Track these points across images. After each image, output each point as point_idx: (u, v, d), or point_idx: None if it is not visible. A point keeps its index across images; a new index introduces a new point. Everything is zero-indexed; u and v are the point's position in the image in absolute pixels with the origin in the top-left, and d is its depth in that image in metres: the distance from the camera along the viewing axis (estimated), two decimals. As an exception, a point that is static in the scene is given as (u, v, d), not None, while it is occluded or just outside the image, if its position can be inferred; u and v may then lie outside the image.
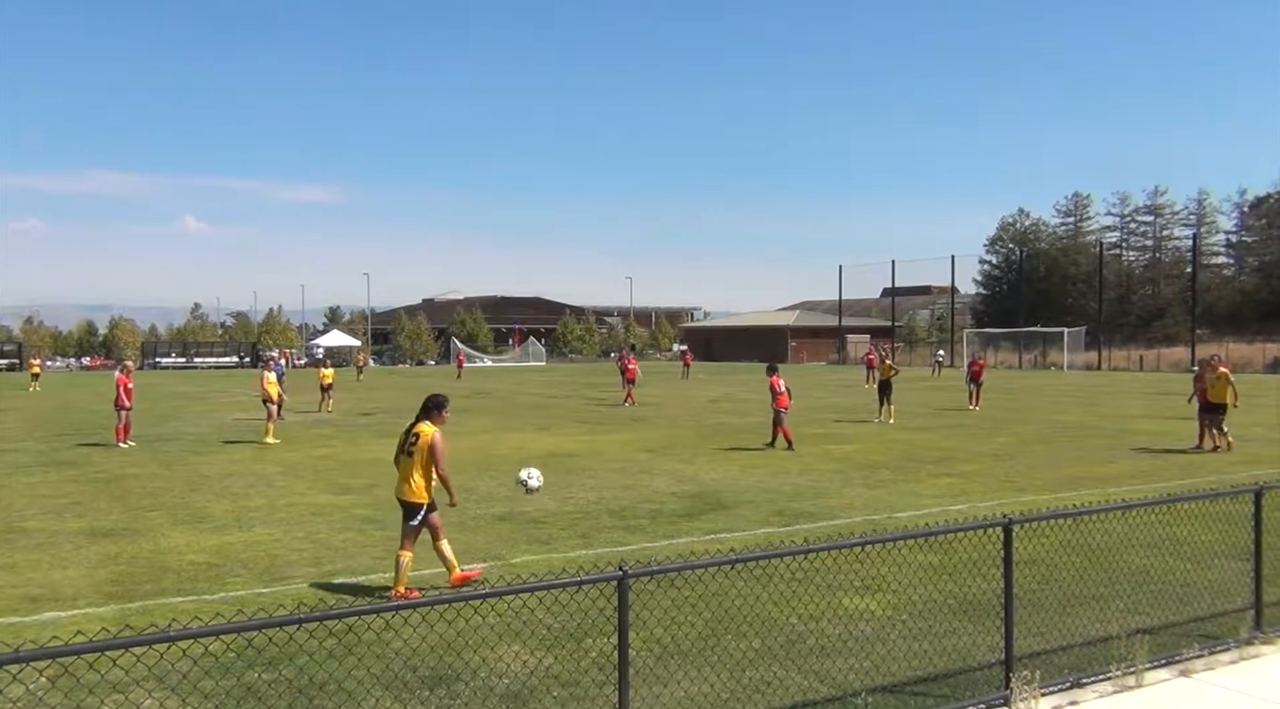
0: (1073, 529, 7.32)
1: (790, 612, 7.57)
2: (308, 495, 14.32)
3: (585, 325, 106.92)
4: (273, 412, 21.68)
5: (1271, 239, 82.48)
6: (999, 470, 16.56)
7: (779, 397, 19.86)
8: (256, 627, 4.16)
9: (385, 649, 6.61)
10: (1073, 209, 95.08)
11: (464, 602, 4.66)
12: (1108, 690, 6.29)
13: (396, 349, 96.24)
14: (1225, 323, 74.92)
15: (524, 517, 12.49)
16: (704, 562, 5.26)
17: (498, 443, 21.22)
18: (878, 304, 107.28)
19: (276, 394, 22.29)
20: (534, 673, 6.43)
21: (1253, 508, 7.41)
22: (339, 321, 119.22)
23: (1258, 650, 7.04)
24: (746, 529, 11.58)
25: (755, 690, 6.16)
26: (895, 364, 27.84)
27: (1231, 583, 8.00)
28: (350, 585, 9.06)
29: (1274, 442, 20.65)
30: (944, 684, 6.31)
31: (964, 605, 7.92)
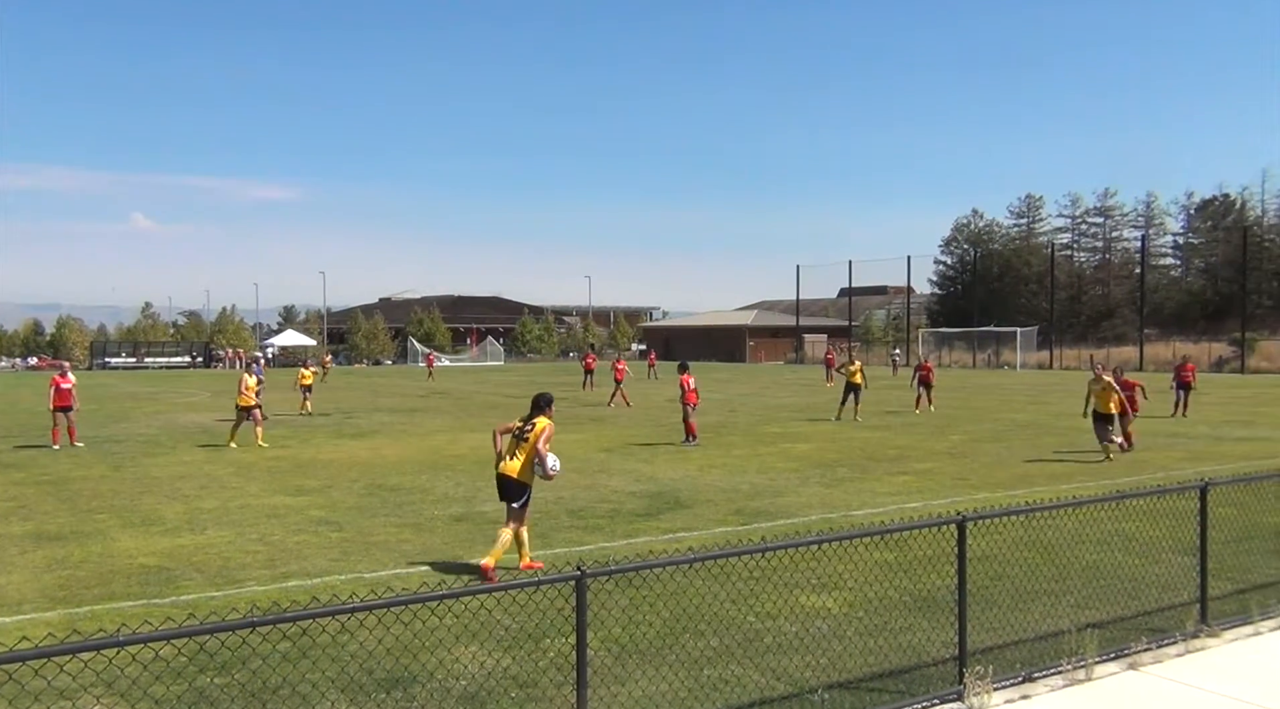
0: (1025, 526, 7.44)
1: (748, 610, 7.61)
2: (261, 497, 14.13)
3: (544, 325, 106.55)
4: (258, 414, 21.03)
5: (1216, 241, 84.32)
6: (953, 468, 16.77)
7: (688, 393, 20.85)
8: (208, 631, 4.10)
9: (341, 652, 6.55)
10: (1025, 210, 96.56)
11: (420, 603, 4.62)
12: (1058, 684, 6.40)
13: (353, 349, 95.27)
14: (1172, 322, 76.50)
15: (481, 517, 12.43)
16: (662, 561, 5.26)
17: (455, 443, 21.09)
18: (835, 304, 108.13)
19: (255, 399, 21.54)
20: (491, 674, 6.40)
21: (1198, 504, 7.59)
22: (294, 321, 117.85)
23: (1203, 643, 7.19)
24: (705, 528, 11.62)
25: (713, 689, 6.18)
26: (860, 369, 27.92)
27: (1178, 577, 8.17)
28: (305, 588, 8.95)
29: (1218, 439, 21.13)
30: (899, 680, 6.38)
31: (919, 602, 8.02)
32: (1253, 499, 9.33)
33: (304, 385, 30.28)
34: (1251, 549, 9.33)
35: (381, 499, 13.84)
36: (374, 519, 12.33)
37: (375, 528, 11.76)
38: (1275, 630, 7.53)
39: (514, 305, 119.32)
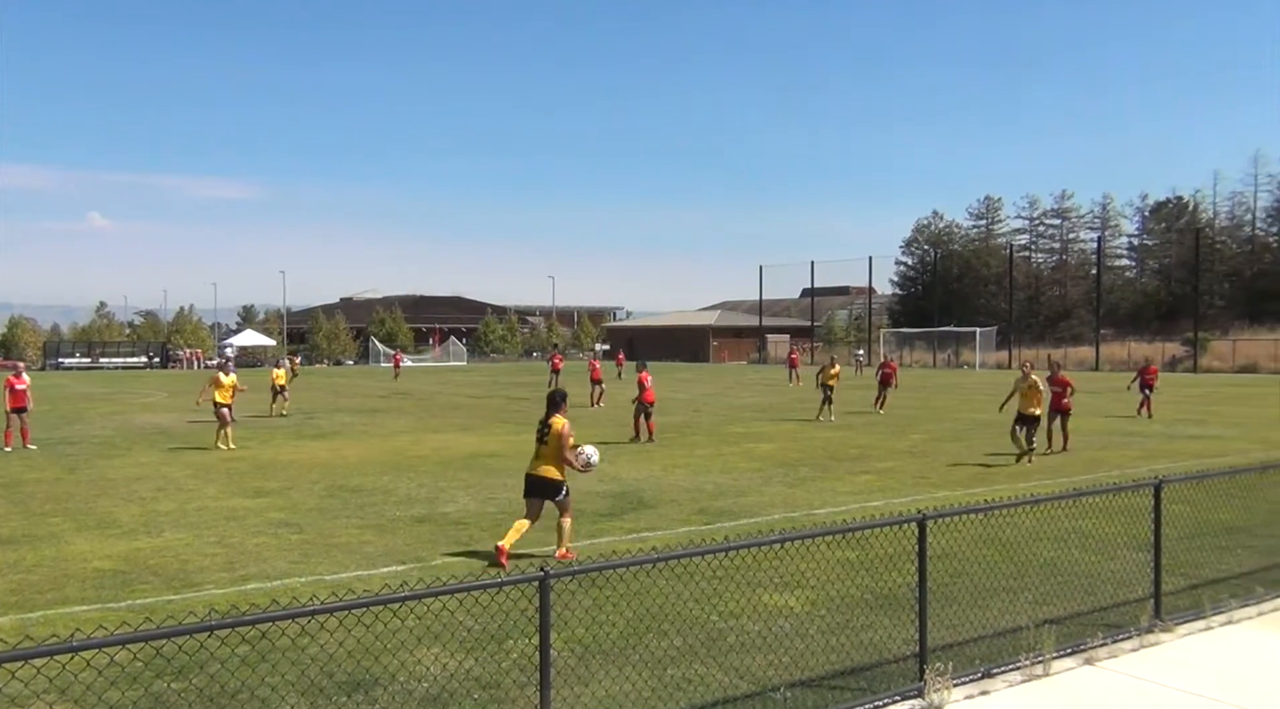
0: (984, 523, 7.53)
1: (711, 609, 7.63)
2: (220, 499, 13.95)
3: (507, 325, 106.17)
4: (225, 415, 20.50)
5: (1169, 242, 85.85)
6: (914, 467, 16.93)
7: (646, 391, 21.20)
8: (165, 635, 4.04)
9: (301, 655, 6.48)
10: (984, 212, 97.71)
11: (382, 605, 4.59)
12: (1017, 680, 6.48)
13: (314, 349, 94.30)
14: (1127, 323, 77.79)
15: (444, 518, 12.37)
16: (626, 561, 5.26)
17: (418, 444, 20.96)
18: (797, 304, 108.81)
19: (230, 398, 20.98)
20: (454, 676, 6.37)
21: (1152, 501, 7.72)
22: (253, 321, 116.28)
23: (1157, 638, 7.32)
24: (668, 528, 11.64)
25: (676, 688, 6.19)
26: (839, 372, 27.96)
27: (1133, 573, 8.31)
28: (265, 590, 8.85)
29: (1172, 437, 21.51)
30: (861, 677, 6.43)
31: (880, 600, 8.09)
32: (1205, 496, 9.51)
33: (278, 386, 29.71)
34: (1204, 545, 9.51)
35: (343, 500, 13.72)
36: (335, 521, 12.21)
37: (336, 529, 11.65)
38: (1226, 625, 7.69)
39: (477, 305, 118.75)
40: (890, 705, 6.03)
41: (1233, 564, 9.21)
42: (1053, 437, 18.82)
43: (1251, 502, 10.37)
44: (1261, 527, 10.56)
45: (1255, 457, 17.13)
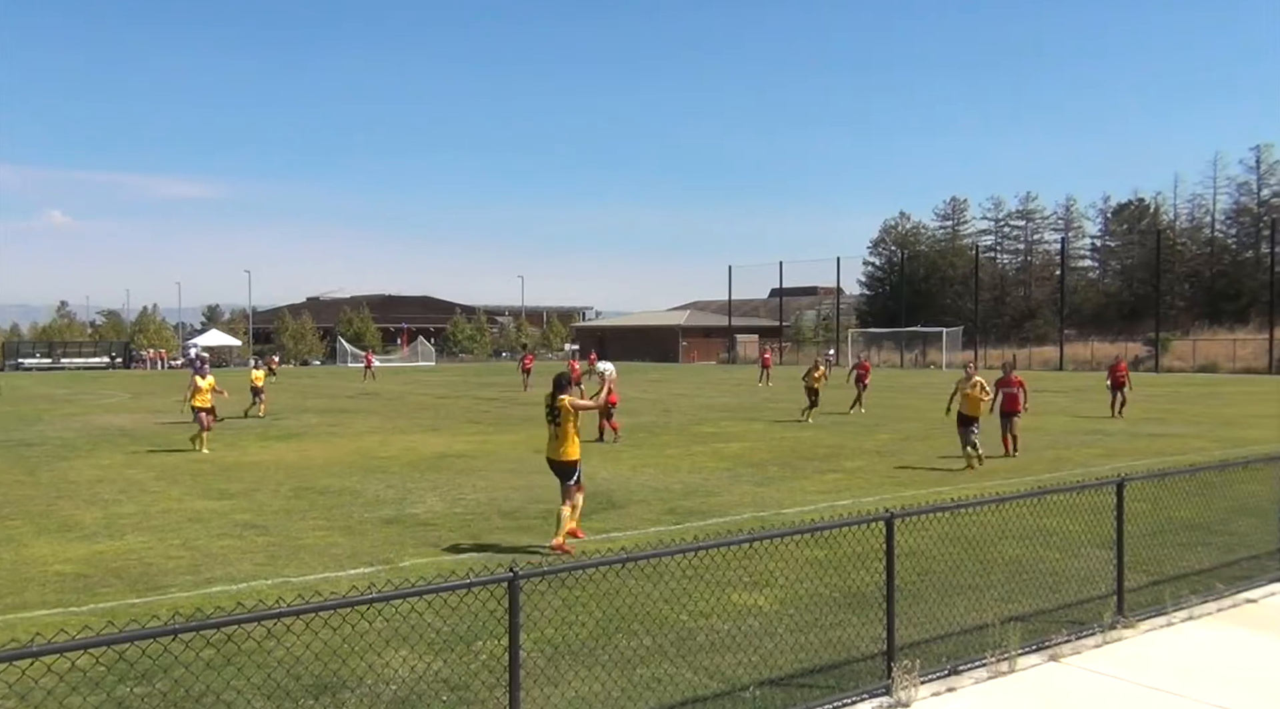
0: (951, 522, 7.60)
1: (681, 609, 7.65)
2: (184, 501, 13.78)
3: (476, 325, 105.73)
4: (207, 419, 20.08)
5: (1131, 244, 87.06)
6: (882, 466, 17.06)
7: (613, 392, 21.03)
8: (128, 639, 3.99)
9: (267, 658, 6.42)
10: (950, 213, 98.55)
11: (349, 607, 4.55)
12: (983, 676, 6.55)
13: (280, 349, 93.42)
14: (1091, 323, 78.80)
15: (413, 519, 12.30)
16: (595, 561, 5.26)
17: (386, 445, 20.83)
18: (766, 304, 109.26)
19: (210, 400, 20.54)
20: (422, 678, 6.34)
21: (1115, 499, 7.83)
22: (218, 320, 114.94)
23: (1119, 634, 7.42)
24: (638, 528, 11.65)
25: (646, 688, 6.20)
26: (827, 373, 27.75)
27: (1096, 570, 8.42)
28: (230, 593, 8.75)
29: (1134, 435, 21.82)
30: (829, 675, 6.46)
31: (848, 598, 8.14)
32: (1166, 494, 9.66)
33: (256, 388, 29.16)
34: (1165, 542, 9.66)
35: (310, 502, 13.61)
36: (302, 522, 12.11)
37: (303, 531, 11.55)
38: (1187, 621, 7.81)
39: (445, 305, 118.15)
40: (858, 703, 6.07)
41: (1193, 561, 9.36)
42: (1006, 441, 18.26)
43: (1211, 499, 10.54)
44: (1220, 523, 10.74)
45: (1215, 455, 17.42)
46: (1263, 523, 9.90)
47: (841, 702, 6.06)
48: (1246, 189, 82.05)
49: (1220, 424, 24.52)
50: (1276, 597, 8.55)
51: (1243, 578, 8.88)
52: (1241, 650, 7.12)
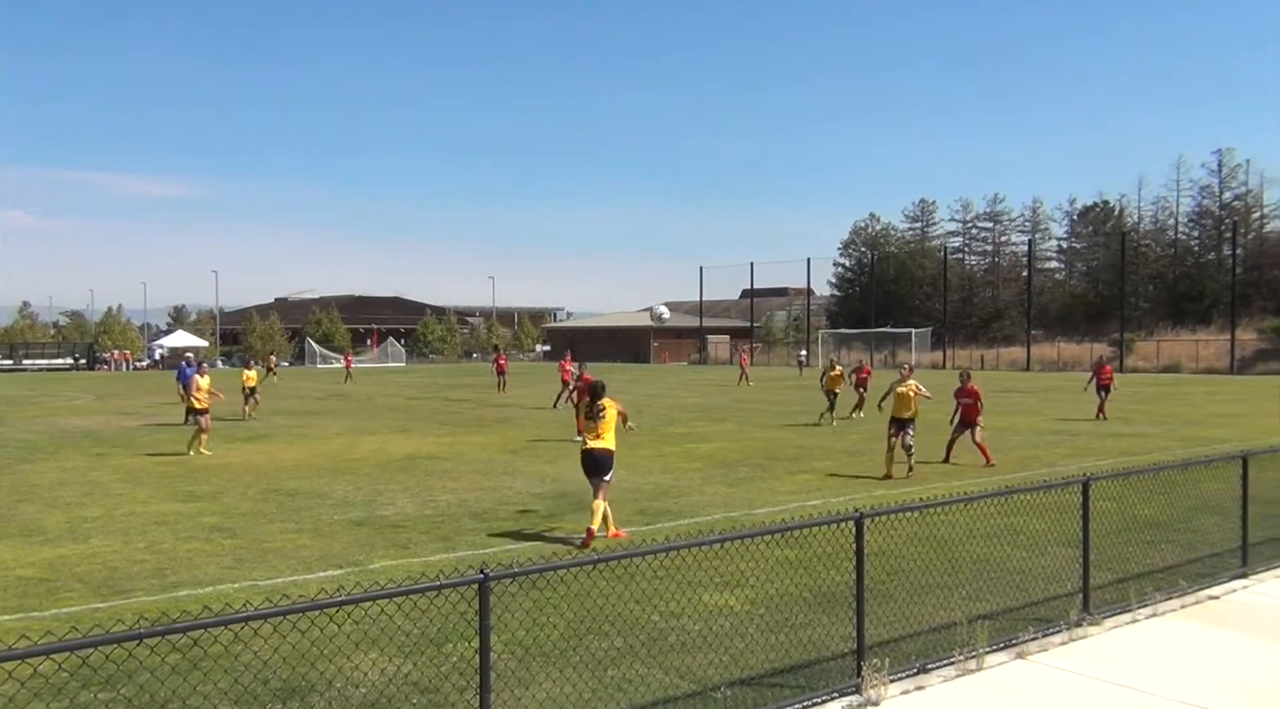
0: (920, 521, 7.67)
1: (652, 609, 7.65)
2: (150, 504, 13.62)
3: (446, 325, 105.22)
4: (205, 421, 19.52)
5: (1097, 246, 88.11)
6: (852, 466, 17.16)
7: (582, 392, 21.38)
8: (92, 644, 3.93)
9: (234, 662, 6.35)
10: (919, 215, 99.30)
11: (318, 610, 4.52)
12: (951, 674, 6.60)
13: (248, 350, 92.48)
14: (1057, 324, 79.68)
15: (382, 521, 12.22)
16: (566, 562, 5.26)
17: (355, 447, 20.68)
18: (737, 305, 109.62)
19: (207, 401, 19.92)
20: (392, 681, 6.30)
21: (1080, 498, 7.93)
22: (184, 321, 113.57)
23: (1085, 631, 7.51)
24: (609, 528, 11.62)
25: (617, 689, 6.20)
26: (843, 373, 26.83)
27: (1062, 569, 8.51)
28: (196, 597, 8.66)
29: (1099, 435, 22.08)
30: (800, 675, 6.49)
31: (819, 598, 8.18)
32: (1131, 493, 9.79)
33: (249, 388, 28.51)
34: (1129, 540, 9.79)
35: (278, 504, 13.49)
36: (270, 525, 12.00)
37: (271, 534, 11.45)
38: (1152, 618, 7.92)
39: (416, 305, 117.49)
40: (828, 702, 6.10)
41: (1157, 558, 9.49)
42: (984, 451, 17.30)
43: (1174, 498, 10.69)
44: (1183, 522, 10.90)
45: (1178, 454, 17.67)
46: (1224, 521, 10.06)
47: (812, 701, 6.09)
48: (1209, 192, 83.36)
49: (1183, 424, 24.88)
50: (1238, 593, 8.69)
51: (1205, 575, 9.02)
52: (1204, 646, 7.23)
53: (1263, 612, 8.12)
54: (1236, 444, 17.35)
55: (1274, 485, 12.45)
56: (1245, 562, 9.30)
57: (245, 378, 28.93)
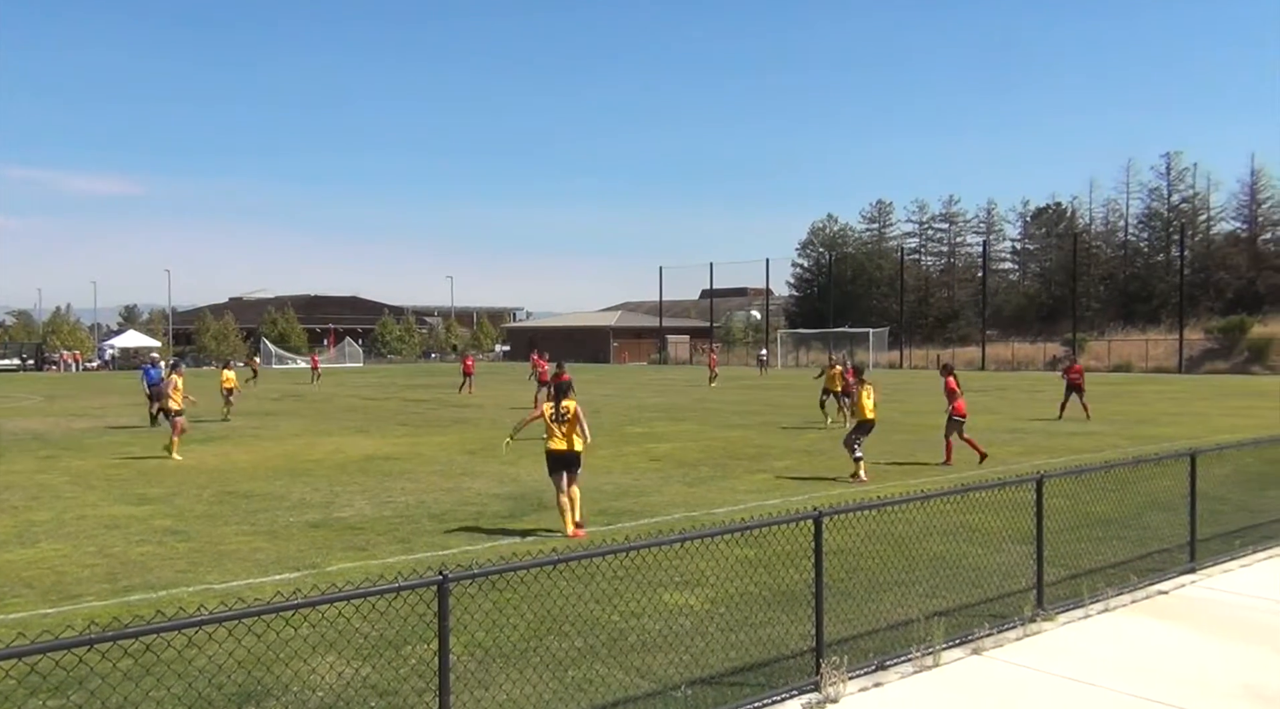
0: (878, 519, 7.73)
1: (612, 610, 7.64)
2: (101, 507, 13.37)
3: (404, 325, 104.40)
4: (182, 423, 19.06)
5: (1050, 247, 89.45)
6: (811, 465, 17.28)
7: None
8: (40, 650, 3.85)
9: (188, 667, 6.25)
10: (876, 215, 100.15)
11: (274, 613, 4.46)
12: (909, 671, 6.67)
13: (201, 350, 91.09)
14: (1011, 324, 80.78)
15: (340, 523, 12.09)
16: (526, 563, 5.24)
17: (312, 448, 20.46)
18: (697, 305, 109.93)
19: (181, 401, 19.34)
20: (350, 684, 6.24)
21: (1034, 495, 8.05)
22: (136, 321, 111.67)
23: (1039, 627, 7.63)
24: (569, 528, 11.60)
25: (578, 689, 6.19)
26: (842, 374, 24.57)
27: (1017, 565, 8.63)
28: (149, 601, 8.51)
29: (1052, 433, 22.43)
30: (760, 673, 6.53)
31: (778, 596, 8.23)
32: (1083, 490, 9.95)
33: (226, 389, 27.82)
34: (1081, 536, 9.95)
35: (232, 506, 13.30)
36: (224, 527, 11.83)
37: (226, 536, 11.29)
38: (1104, 613, 8.06)
39: (373, 305, 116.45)
40: (788, 700, 6.14)
41: (1108, 554, 9.66)
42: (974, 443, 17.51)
43: (1125, 495, 10.89)
44: (1134, 518, 11.10)
45: (1129, 451, 18.02)
46: (1173, 517, 10.26)
47: (771, 699, 6.13)
48: (1158, 194, 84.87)
49: (1134, 422, 25.34)
50: (1186, 588, 8.87)
51: (1155, 570, 9.19)
52: (1154, 641, 7.37)
53: (1210, 606, 8.30)
54: (1185, 442, 17.71)
55: (1221, 482, 12.76)
56: (1194, 557, 9.50)
57: (224, 378, 28.21)
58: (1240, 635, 7.45)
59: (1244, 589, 8.79)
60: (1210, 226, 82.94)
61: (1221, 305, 70.23)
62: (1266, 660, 6.77)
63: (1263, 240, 79.70)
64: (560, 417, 11.63)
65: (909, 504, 7.35)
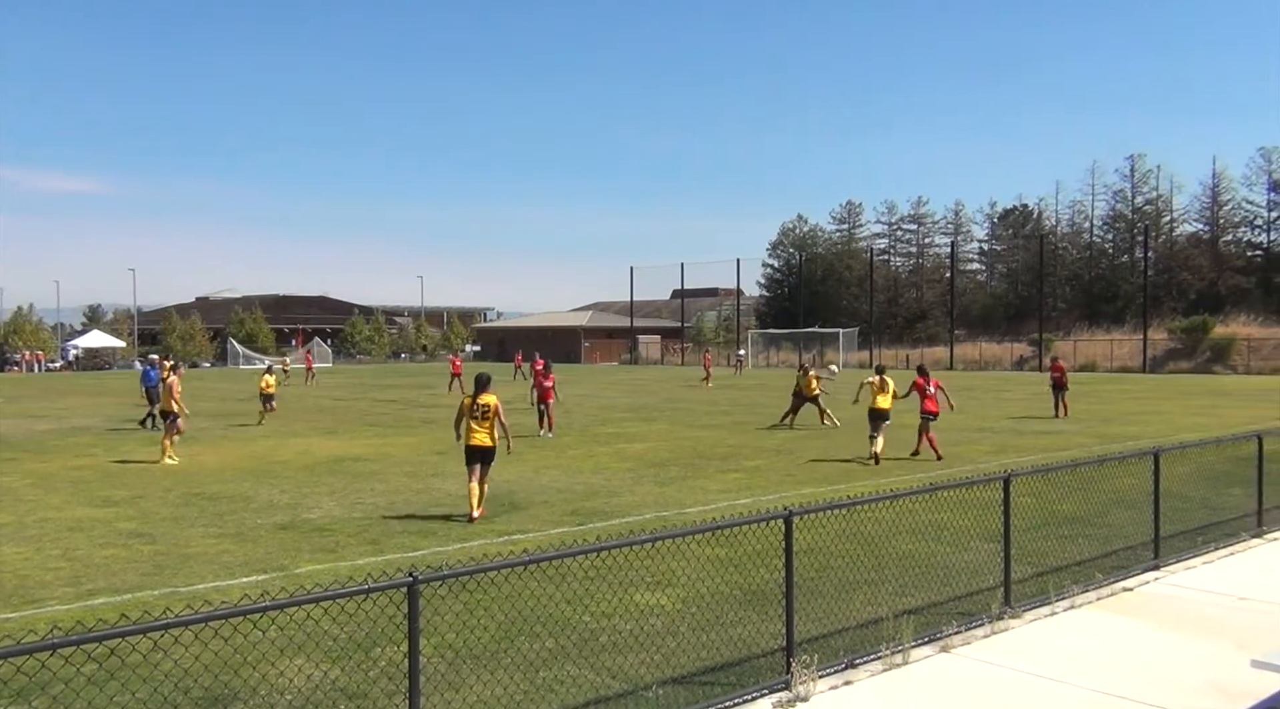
0: (847, 518, 7.77)
1: (584, 610, 7.64)
2: (64, 509, 13.17)
3: (374, 325, 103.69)
4: (181, 424, 18.58)
5: (1016, 248, 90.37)
6: (781, 465, 17.34)
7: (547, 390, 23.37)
8: (2, 655, 3.79)
9: (154, 671, 6.18)
10: (846, 216, 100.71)
11: (241, 616, 4.42)
12: (878, 669, 6.72)
13: (167, 350, 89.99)
14: (979, 324, 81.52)
15: (308, 525, 12.00)
16: (497, 564, 5.22)
17: (279, 449, 20.27)
18: (667, 305, 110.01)
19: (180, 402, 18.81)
20: (319, 687, 6.19)
21: (1002, 494, 8.13)
22: (100, 321, 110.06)
23: (1006, 624, 7.71)
24: (540, 529, 11.60)
25: (549, 690, 6.18)
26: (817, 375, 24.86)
27: (984, 563, 8.72)
28: (114, 605, 8.40)
29: (1019, 432, 22.66)
30: (730, 673, 6.54)
31: (749, 596, 8.25)
32: (1049, 488, 10.07)
33: (267, 393, 26.92)
34: (1048, 534, 10.07)
35: (199, 508, 13.15)
36: (191, 530, 11.70)
37: (192, 539, 11.16)
38: (1069, 610, 8.16)
39: (342, 305, 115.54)
40: (758, 699, 6.16)
41: (1074, 552, 9.78)
42: None
43: (1090, 493, 11.02)
44: (1099, 516, 11.24)
45: (1094, 450, 18.25)
46: (1138, 515, 10.40)
47: (742, 698, 6.15)
48: (1122, 196, 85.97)
49: (1099, 421, 25.66)
50: (1150, 585, 8.99)
51: (1119, 568, 9.32)
52: (1119, 637, 7.47)
53: (1173, 603, 8.42)
54: (1149, 441, 17.96)
55: (1184, 480, 12.95)
56: (1157, 554, 9.64)
57: (265, 383, 27.17)
58: (1203, 631, 7.56)
59: (1207, 585, 8.93)
60: (1173, 228, 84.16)
61: (1184, 306, 71.24)
62: (1228, 656, 6.88)
63: (1224, 242, 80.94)
64: (480, 412, 12.12)
65: (879, 503, 7.40)
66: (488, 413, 12.15)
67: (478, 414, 12.15)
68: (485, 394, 12.22)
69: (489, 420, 12.15)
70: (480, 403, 12.16)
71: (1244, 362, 57.49)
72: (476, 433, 12.15)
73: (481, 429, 12.16)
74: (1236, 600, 8.42)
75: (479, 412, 12.15)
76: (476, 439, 12.15)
